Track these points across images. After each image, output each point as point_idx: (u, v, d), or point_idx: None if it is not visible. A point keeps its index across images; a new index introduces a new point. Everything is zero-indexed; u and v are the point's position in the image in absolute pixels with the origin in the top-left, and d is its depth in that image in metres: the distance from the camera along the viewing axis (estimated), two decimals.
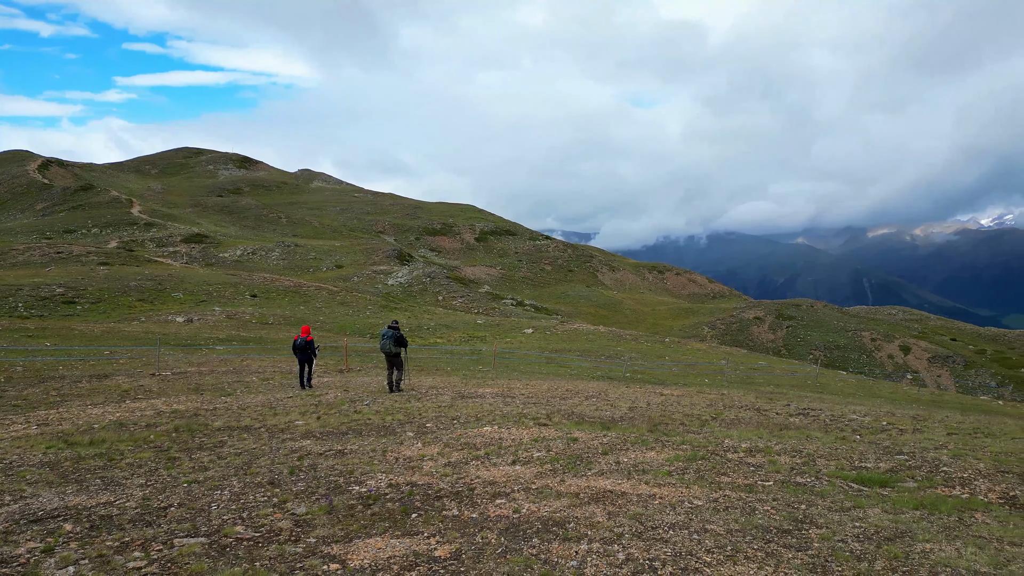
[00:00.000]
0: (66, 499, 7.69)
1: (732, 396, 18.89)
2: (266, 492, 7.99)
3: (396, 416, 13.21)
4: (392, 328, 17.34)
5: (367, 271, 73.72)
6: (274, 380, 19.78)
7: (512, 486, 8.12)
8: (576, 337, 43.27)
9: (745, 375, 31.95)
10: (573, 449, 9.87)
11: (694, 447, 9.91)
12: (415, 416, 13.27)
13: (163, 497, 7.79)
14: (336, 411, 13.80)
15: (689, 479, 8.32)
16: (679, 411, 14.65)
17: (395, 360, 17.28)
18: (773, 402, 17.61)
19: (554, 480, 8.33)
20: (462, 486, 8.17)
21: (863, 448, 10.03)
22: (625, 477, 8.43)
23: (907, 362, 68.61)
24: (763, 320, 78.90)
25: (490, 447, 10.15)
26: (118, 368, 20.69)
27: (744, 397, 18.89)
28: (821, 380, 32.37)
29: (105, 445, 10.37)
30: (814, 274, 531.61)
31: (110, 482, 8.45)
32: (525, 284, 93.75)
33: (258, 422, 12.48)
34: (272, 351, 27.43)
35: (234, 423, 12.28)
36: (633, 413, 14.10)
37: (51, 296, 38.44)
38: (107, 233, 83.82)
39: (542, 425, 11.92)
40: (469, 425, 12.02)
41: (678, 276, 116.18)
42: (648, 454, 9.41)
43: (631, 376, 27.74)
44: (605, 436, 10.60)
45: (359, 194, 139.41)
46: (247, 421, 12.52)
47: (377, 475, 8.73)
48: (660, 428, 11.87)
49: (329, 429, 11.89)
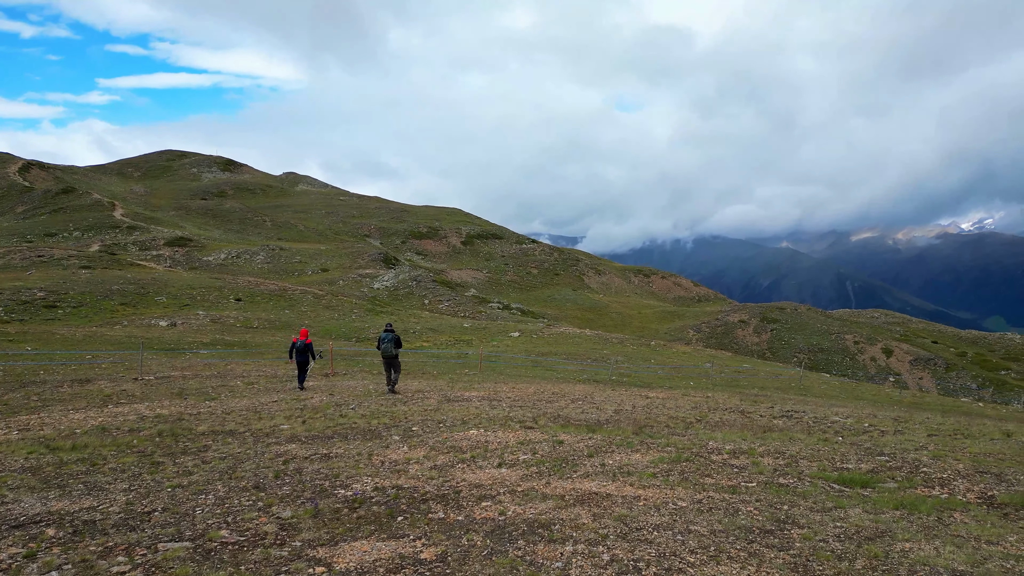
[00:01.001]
0: (48, 504, 7.61)
1: (717, 398, 19.05)
2: (251, 496, 7.96)
3: (382, 420, 13.18)
4: (388, 331, 17.76)
5: (353, 275, 73.42)
6: (259, 384, 19.66)
7: (498, 488, 8.15)
8: (563, 340, 43.38)
9: (730, 378, 32.20)
10: (559, 451, 9.91)
11: (679, 449, 9.99)
12: (401, 420, 13.24)
13: (147, 502, 7.73)
14: (321, 415, 13.75)
15: (673, 480, 8.41)
16: (664, 413, 14.75)
17: (394, 362, 17.72)
18: (757, 404, 17.78)
19: (540, 482, 8.37)
20: (448, 489, 8.18)
21: (845, 449, 10.15)
22: (610, 479, 8.49)
23: (889, 364, 69.38)
24: (748, 323, 79.52)
25: (476, 450, 10.17)
26: (100, 373, 20.47)
27: (729, 399, 19.05)
28: (805, 383, 32.70)
29: (88, 450, 10.26)
30: (798, 277, 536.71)
31: (93, 487, 8.37)
32: (511, 288, 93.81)
33: (243, 426, 12.41)
34: (257, 355, 27.25)
35: (219, 427, 12.20)
36: (619, 416, 14.18)
37: (32, 300, 37.95)
38: (89, 236, 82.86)
39: (528, 428, 11.97)
40: (455, 428, 12.03)
41: (664, 279, 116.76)
42: (633, 456, 9.47)
43: (617, 379, 27.86)
44: (591, 439, 10.67)
45: (345, 197, 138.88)
46: (232, 425, 12.44)
47: (363, 478, 8.72)
48: (645, 430, 11.95)
49: (314, 433, 11.84)
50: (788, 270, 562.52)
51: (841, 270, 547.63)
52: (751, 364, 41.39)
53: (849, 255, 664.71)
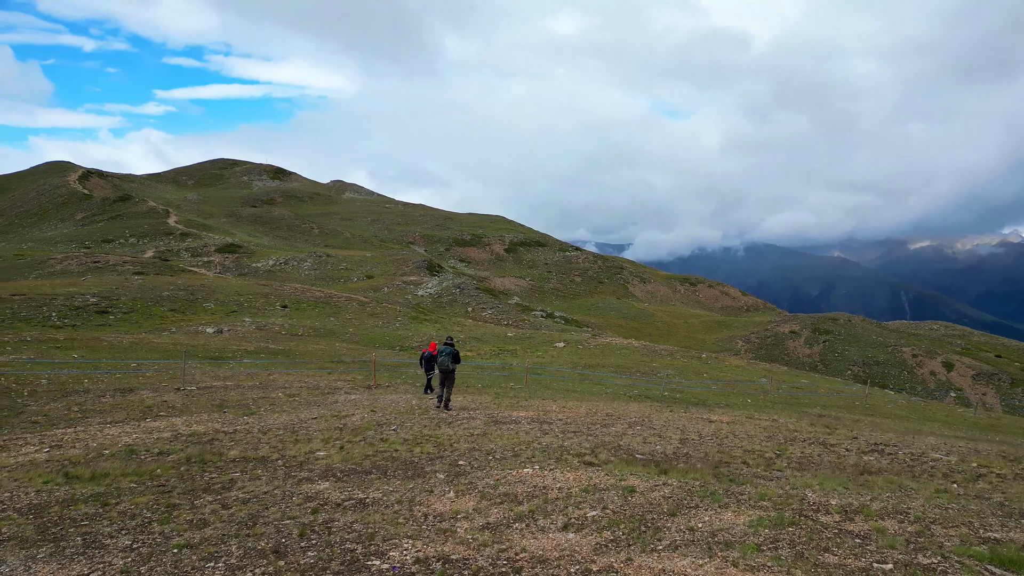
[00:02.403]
0: (31, 570, 6.66)
1: (787, 424, 17.51)
2: (269, 566, 6.71)
3: (425, 448, 12.10)
4: (448, 344, 17.26)
5: (397, 282, 73.47)
6: (300, 396, 19.11)
7: (567, 567, 6.60)
8: (609, 352, 42.09)
9: (789, 395, 30.46)
10: (632, 505, 8.43)
11: (776, 505, 8.44)
12: (446, 447, 12.17)
13: (145, 569, 6.66)
14: (361, 438, 12.84)
15: (786, 559, 6.63)
16: (737, 445, 13.39)
17: (449, 376, 17.13)
18: (834, 432, 16.24)
19: (619, 558, 6.79)
20: (505, 564, 6.71)
21: (976, 507, 8.57)
22: (706, 554, 6.85)
23: (950, 379, 66.06)
24: (799, 334, 76.74)
25: (534, 499, 8.76)
26: (143, 382, 20.25)
27: (799, 424, 17.54)
28: (871, 401, 30.72)
29: (106, 481, 9.52)
30: (848, 287, 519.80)
31: (91, 542, 7.38)
32: (555, 296, 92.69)
33: (276, 451, 11.57)
34: (301, 364, 26.87)
35: (251, 452, 11.37)
36: (686, 447, 12.91)
37: (84, 306, 38.64)
38: (144, 243, 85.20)
39: (588, 464, 10.73)
40: (507, 463, 10.83)
41: (711, 288, 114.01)
42: (724, 515, 7.97)
43: (670, 395, 26.53)
44: (665, 484, 9.22)
45: (390, 205, 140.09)
46: (264, 451, 11.62)
47: (402, 542, 7.33)
48: (724, 471, 10.54)
49: (352, 465, 10.79)
50: (837, 280, 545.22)
51: (895, 280, 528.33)
52: (809, 379, 39.36)
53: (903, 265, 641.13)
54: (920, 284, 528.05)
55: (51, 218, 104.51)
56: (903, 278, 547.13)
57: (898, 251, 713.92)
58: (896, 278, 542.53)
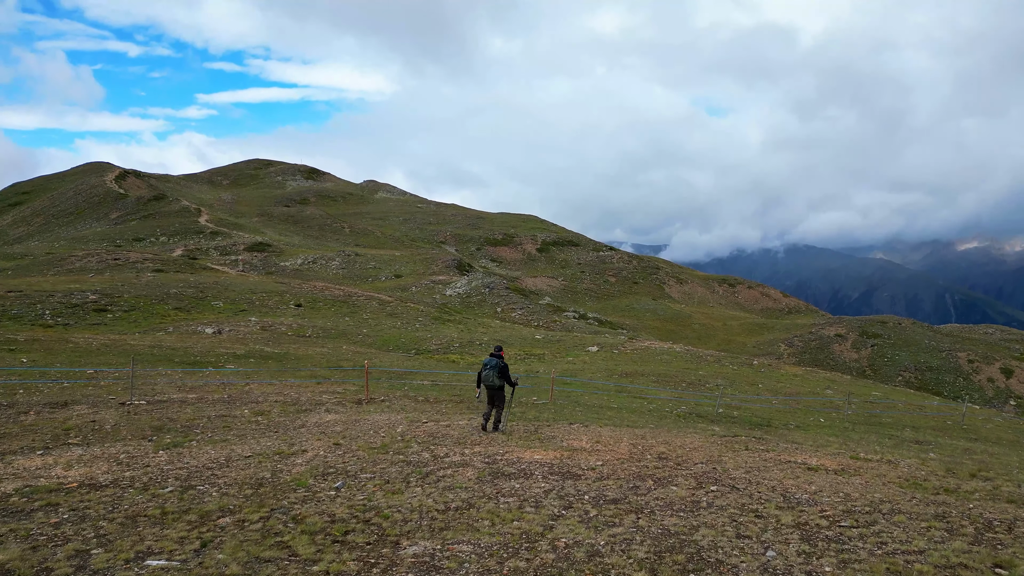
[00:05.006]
0: None
1: (923, 475, 11.74)
2: None
3: (348, 547, 7.44)
4: (496, 355, 13.91)
5: (426, 281, 70.38)
6: (268, 415, 15.52)
7: None
8: (648, 357, 37.83)
9: (867, 412, 25.79)
10: None
11: None
12: (385, 547, 7.45)
13: None
14: (268, 510, 8.56)
15: None
16: (890, 536, 7.98)
17: (498, 394, 13.97)
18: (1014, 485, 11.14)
19: None
20: None
21: None
22: None
23: (1009, 386, 60.53)
24: (845, 338, 71.25)
25: None
26: (88, 394, 16.98)
27: (933, 469, 12.22)
28: (969, 421, 25.83)
29: None
30: (891, 289, 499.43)
31: None
32: (588, 296, 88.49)
33: (93, 545, 7.20)
34: (288, 373, 23.38)
35: (94, 536, 7.39)
36: (815, 550, 7.55)
37: (82, 303, 36.13)
38: (174, 241, 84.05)
39: None
40: None
41: (750, 290, 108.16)
42: None
43: (725, 413, 22.29)
44: None
45: (422, 204, 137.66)
46: (76, 543, 7.27)
47: None
48: None
49: None
50: (880, 281, 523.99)
51: (940, 282, 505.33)
52: (881, 392, 34.44)
53: (948, 266, 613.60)
54: (967, 286, 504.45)
55: (87, 217, 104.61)
56: (949, 280, 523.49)
57: (944, 252, 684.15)
58: (942, 280, 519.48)
